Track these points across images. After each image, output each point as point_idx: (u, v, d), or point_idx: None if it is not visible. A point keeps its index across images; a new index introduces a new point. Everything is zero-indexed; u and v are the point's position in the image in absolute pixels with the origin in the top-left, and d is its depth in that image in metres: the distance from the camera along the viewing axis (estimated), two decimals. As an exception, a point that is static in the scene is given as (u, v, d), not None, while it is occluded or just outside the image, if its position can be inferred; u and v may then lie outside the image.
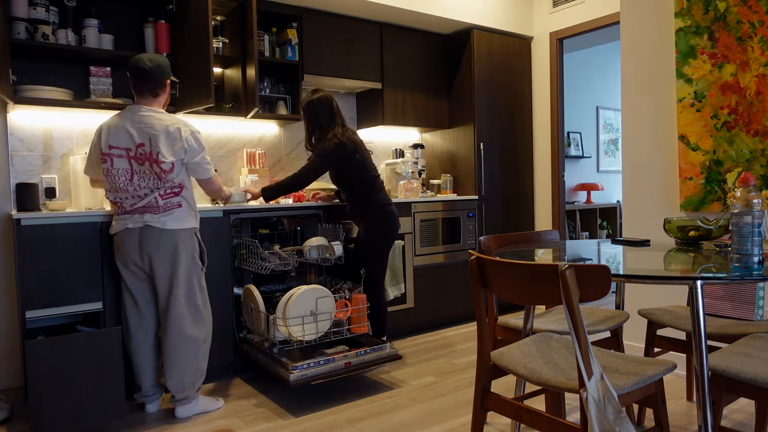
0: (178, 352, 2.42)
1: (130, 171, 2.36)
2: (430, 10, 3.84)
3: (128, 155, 2.36)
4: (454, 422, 2.34)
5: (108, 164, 2.36)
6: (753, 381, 1.47)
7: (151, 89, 2.42)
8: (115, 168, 2.36)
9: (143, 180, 2.36)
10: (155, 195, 2.37)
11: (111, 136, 2.36)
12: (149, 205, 2.37)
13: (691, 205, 2.73)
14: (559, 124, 4.33)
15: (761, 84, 2.48)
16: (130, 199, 2.38)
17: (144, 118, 2.37)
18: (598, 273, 1.28)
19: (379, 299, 3.04)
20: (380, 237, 3.03)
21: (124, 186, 2.36)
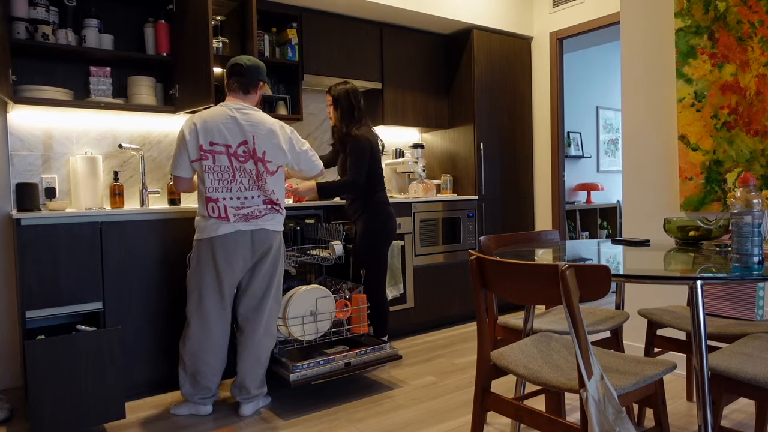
0: (264, 349, 2.50)
1: (231, 169, 2.37)
2: (430, 10, 3.84)
3: (228, 152, 2.37)
4: (454, 422, 2.34)
5: (210, 161, 2.35)
6: (753, 381, 1.47)
7: (243, 86, 2.49)
8: (217, 165, 2.35)
9: (244, 178, 2.39)
10: (257, 194, 2.42)
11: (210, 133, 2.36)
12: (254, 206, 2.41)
13: (691, 205, 2.73)
14: (559, 124, 4.33)
15: (761, 84, 2.48)
16: (234, 200, 2.38)
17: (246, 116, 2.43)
18: (598, 273, 1.28)
19: (380, 299, 3.05)
20: (380, 237, 3.03)
21: (227, 184, 2.37)
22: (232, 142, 2.37)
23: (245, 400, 2.48)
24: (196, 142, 2.35)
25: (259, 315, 2.48)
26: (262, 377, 2.52)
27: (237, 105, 2.44)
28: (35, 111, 2.93)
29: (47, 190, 2.92)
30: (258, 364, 2.49)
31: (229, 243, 2.37)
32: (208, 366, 2.44)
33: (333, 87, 3.08)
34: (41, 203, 2.91)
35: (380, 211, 3.04)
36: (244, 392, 2.48)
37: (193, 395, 2.47)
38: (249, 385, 2.48)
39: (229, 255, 2.38)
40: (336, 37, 3.72)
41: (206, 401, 2.49)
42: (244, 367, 2.48)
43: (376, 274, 3.03)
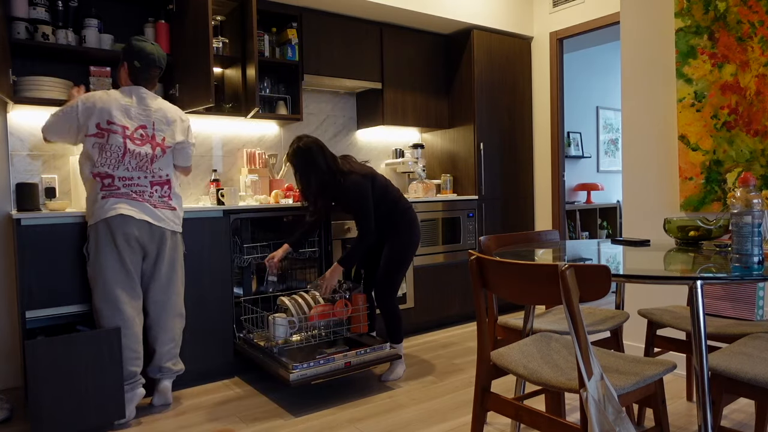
0: (178, 329, 2.62)
1: (123, 149, 2.40)
2: (430, 10, 3.84)
3: (124, 134, 2.41)
4: (454, 422, 2.34)
5: (104, 139, 2.38)
6: (753, 381, 1.47)
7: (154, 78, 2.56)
8: (109, 143, 2.39)
9: (134, 160, 2.43)
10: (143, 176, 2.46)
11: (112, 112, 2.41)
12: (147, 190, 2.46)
13: (691, 205, 2.73)
14: (559, 124, 4.33)
15: (761, 84, 2.48)
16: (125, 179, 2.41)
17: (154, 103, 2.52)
18: (598, 273, 1.28)
19: (396, 306, 2.93)
20: (410, 248, 2.92)
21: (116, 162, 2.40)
22: (130, 125, 2.42)
23: (166, 377, 2.59)
24: (94, 119, 2.37)
25: (168, 300, 2.55)
26: (177, 353, 2.63)
27: (146, 92, 2.51)
28: (35, 111, 2.93)
29: (47, 190, 2.92)
30: (174, 344, 2.60)
31: (126, 223, 2.38)
32: (131, 351, 2.43)
33: (288, 154, 2.79)
34: (41, 203, 2.91)
35: (408, 220, 2.91)
36: (164, 371, 2.58)
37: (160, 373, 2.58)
38: (168, 364, 2.58)
39: (128, 231, 2.39)
40: (336, 37, 3.72)
41: (133, 386, 2.44)
42: (162, 350, 2.56)
43: (396, 285, 2.92)
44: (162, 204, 2.50)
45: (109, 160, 2.38)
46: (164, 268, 2.52)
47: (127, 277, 2.42)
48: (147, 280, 2.52)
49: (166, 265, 2.53)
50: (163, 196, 2.51)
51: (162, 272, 2.52)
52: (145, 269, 2.51)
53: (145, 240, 2.44)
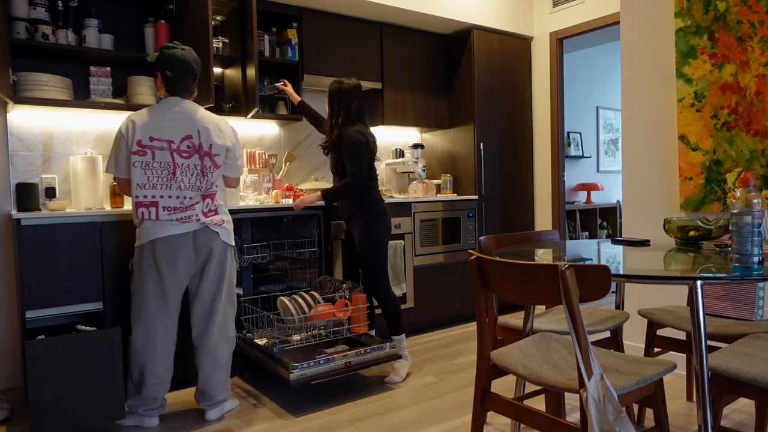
0: (222, 354, 2.43)
1: (173, 165, 2.28)
2: (430, 10, 3.84)
3: (170, 148, 2.28)
4: (454, 422, 2.34)
5: (148, 157, 2.25)
6: (753, 381, 1.47)
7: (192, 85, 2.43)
8: (156, 161, 2.26)
9: (186, 176, 2.31)
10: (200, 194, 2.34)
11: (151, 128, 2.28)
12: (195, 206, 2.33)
13: (691, 205, 2.73)
14: (559, 124, 4.33)
15: (761, 84, 2.48)
16: (173, 200, 2.29)
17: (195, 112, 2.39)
18: (598, 273, 1.28)
19: (389, 295, 2.94)
20: (383, 234, 2.96)
21: (167, 182, 2.28)
22: (174, 138, 2.29)
23: (209, 407, 2.43)
24: (133, 138, 2.25)
25: (211, 319, 2.40)
26: (224, 382, 2.46)
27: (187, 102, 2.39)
28: (35, 111, 2.94)
29: (47, 190, 2.92)
30: (217, 369, 2.42)
31: (171, 246, 2.28)
32: (153, 376, 2.33)
33: (331, 82, 3.03)
34: (41, 203, 2.91)
35: (378, 208, 2.97)
36: (207, 398, 2.43)
37: (137, 407, 2.35)
38: (211, 391, 2.42)
39: (172, 259, 2.28)
40: (336, 37, 3.72)
41: (151, 413, 2.36)
42: (203, 374, 2.41)
43: (381, 272, 2.94)
44: (210, 214, 2.37)
45: (159, 180, 2.26)
46: (208, 284, 2.38)
47: (164, 302, 2.32)
48: (192, 298, 2.42)
49: (210, 281, 2.38)
50: (212, 210, 2.38)
51: (205, 288, 2.39)
52: (191, 287, 2.41)
53: (190, 259, 2.32)
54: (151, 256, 2.29)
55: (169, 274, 2.30)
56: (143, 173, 2.25)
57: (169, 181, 2.28)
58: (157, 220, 2.26)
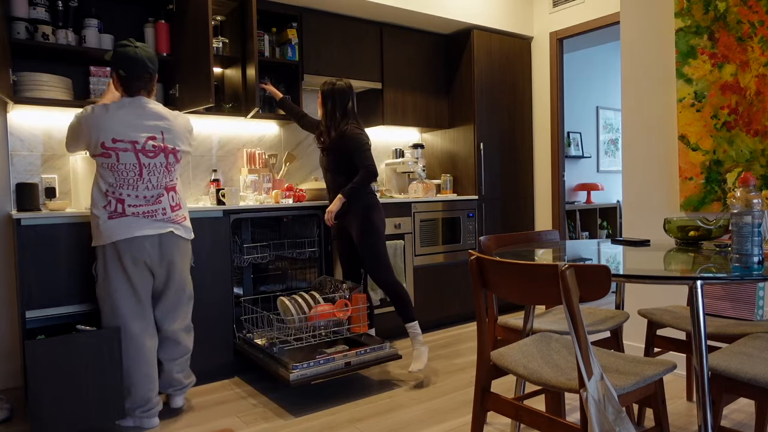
0: (188, 341, 2.55)
1: (138, 166, 2.30)
2: (430, 10, 3.84)
3: (135, 149, 2.29)
4: (454, 422, 2.34)
5: (113, 159, 2.26)
6: (753, 381, 1.47)
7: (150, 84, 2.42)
8: (121, 163, 2.27)
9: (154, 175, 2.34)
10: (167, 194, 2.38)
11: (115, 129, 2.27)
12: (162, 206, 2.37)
13: (691, 205, 2.73)
14: (559, 124, 4.33)
15: (761, 84, 2.48)
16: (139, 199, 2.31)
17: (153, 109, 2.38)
18: (598, 273, 1.28)
19: (396, 283, 2.93)
20: (377, 222, 2.95)
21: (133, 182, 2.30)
22: (138, 138, 2.29)
23: (177, 391, 2.53)
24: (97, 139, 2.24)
25: (177, 314, 2.50)
26: (188, 367, 2.58)
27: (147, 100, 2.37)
28: (35, 111, 2.94)
29: (47, 190, 2.92)
30: (183, 355, 2.54)
31: (135, 246, 2.29)
32: (141, 375, 2.34)
33: (322, 83, 3.03)
34: (41, 203, 2.91)
35: (373, 200, 2.98)
36: (175, 384, 2.52)
37: (133, 410, 2.34)
38: (178, 377, 2.51)
39: (135, 254, 2.29)
40: (336, 37, 3.72)
41: (149, 414, 2.37)
42: (170, 362, 2.49)
43: (384, 261, 2.93)
44: (176, 208, 2.42)
45: (126, 180, 2.27)
46: (174, 285, 2.45)
47: (137, 301, 2.34)
48: (156, 296, 2.45)
49: (177, 283, 2.45)
50: (177, 204, 2.43)
51: (171, 290, 2.45)
52: (157, 285, 2.43)
53: (154, 258, 2.34)
54: (116, 257, 2.30)
55: (136, 273, 2.33)
56: (111, 174, 2.28)
57: (135, 182, 2.30)
58: (123, 217, 2.28)
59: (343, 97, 2.98)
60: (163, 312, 2.47)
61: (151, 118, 2.34)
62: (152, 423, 2.39)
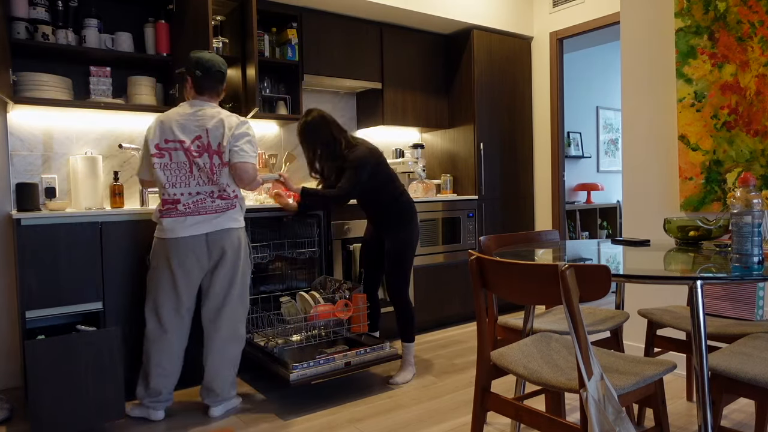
0: (230, 353, 2.46)
1: (189, 164, 2.34)
2: (430, 10, 3.84)
3: (183, 147, 2.34)
4: (454, 422, 2.34)
5: (166, 159, 2.33)
6: (753, 381, 1.47)
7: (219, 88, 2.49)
8: (174, 162, 2.33)
9: (202, 173, 2.36)
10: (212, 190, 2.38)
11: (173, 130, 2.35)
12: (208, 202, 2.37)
13: (691, 205, 2.73)
14: (559, 124, 4.33)
15: (761, 84, 2.48)
16: (193, 195, 2.34)
17: None
18: (598, 273, 1.28)
19: (410, 301, 2.88)
20: (414, 242, 2.87)
21: (185, 178, 2.34)
22: (186, 138, 2.34)
23: (214, 403, 2.46)
24: (152, 141, 2.35)
25: (221, 317, 2.43)
26: (231, 381, 2.49)
27: (201, 102, 2.42)
28: (35, 111, 2.94)
29: (47, 190, 2.92)
30: (224, 367, 2.45)
31: (182, 247, 2.33)
32: (160, 368, 2.38)
33: (298, 126, 2.79)
34: (41, 203, 2.91)
35: (410, 213, 2.86)
36: (211, 395, 2.45)
37: (143, 397, 2.40)
38: (216, 388, 2.44)
39: (183, 259, 2.33)
40: (336, 37, 3.72)
41: (157, 406, 2.41)
42: (210, 370, 2.44)
43: (406, 275, 2.86)
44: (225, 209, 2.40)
45: (177, 178, 2.33)
46: (219, 281, 2.41)
47: (177, 302, 2.37)
48: (203, 294, 2.44)
49: (221, 278, 2.41)
50: (230, 207, 2.41)
51: (217, 286, 2.41)
52: (203, 284, 2.43)
53: (203, 260, 2.36)
54: (164, 254, 2.35)
55: (181, 275, 2.35)
56: (163, 174, 2.33)
57: (187, 179, 2.34)
58: (176, 218, 2.32)
59: (323, 128, 2.75)
60: (207, 313, 2.43)
61: (201, 118, 2.38)
62: (157, 415, 2.43)
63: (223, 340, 2.44)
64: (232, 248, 2.41)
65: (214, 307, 2.43)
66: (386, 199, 2.84)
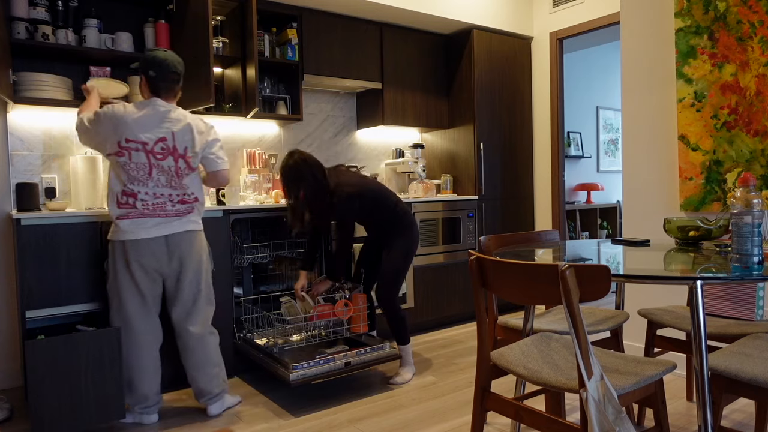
0: (210, 350, 2.46)
1: (148, 166, 2.29)
2: (430, 10, 3.84)
3: (145, 149, 2.28)
4: (454, 422, 2.34)
5: (125, 158, 2.28)
6: (753, 381, 1.47)
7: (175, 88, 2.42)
8: (133, 162, 2.28)
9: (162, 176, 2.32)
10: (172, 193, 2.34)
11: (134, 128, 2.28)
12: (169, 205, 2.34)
13: (691, 205, 2.73)
14: (559, 124, 4.33)
15: (761, 84, 2.48)
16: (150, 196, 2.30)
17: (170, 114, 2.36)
18: (598, 273, 1.28)
19: (399, 307, 2.86)
20: (412, 251, 2.88)
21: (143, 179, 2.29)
22: (148, 140, 2.29)
23: (209, 401, 2.45)
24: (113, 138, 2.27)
25: (194, 318, 2.42)
26: (218, 376, 2.47)
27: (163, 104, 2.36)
28: (35, 111, 2.93)
29: (47, 190, 2.92)
30: (209, 363, 2.44)
31: (142, 248, 2.29)
32: (141, 370, 2.36)
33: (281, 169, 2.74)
34: (41, 203, 2.91)
35: (408, 222, 2.87)
36: (205, 394, 2.44)
37: (133, 405, 2.39)
38: (204, 386, 2.43)
39: (143, 260, 2.30)
40: (336, 37, 3.72)
41: (149, 410, 2.40)
42: (191, 369, 2.42)
43: (397, 284, 2.85)
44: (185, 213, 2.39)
45: (137, 178, 2.28)
46: (187, 286, 2.40)
47: (142, 301, 2.35)
48: (170, 301, 2.42)
49: (189, 284, 2.40)
50: (189, 212, 2.40)
51: (185, 291, 2.40)
52: (168, 289, 2.41)
53: (162, 262, 2.34)
54: (123, 256, 2.31)
55: (141, 275, 2.33)
56: (123, 172, 2.29)
57: (146, 180, 2.30)
58: (135, 219, 2.29)
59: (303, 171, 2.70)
60: (177, 317, 2.42)
61: (164, 120, 2.33)
62: (150, 419, 2.41)
63: (198, 336, 2.43)
64: (193, 251, 2.40)
65: (184, 311, 2.42)
66: (385, 216, 2.86)
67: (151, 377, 2.39)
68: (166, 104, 2.36)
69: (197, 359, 2.43)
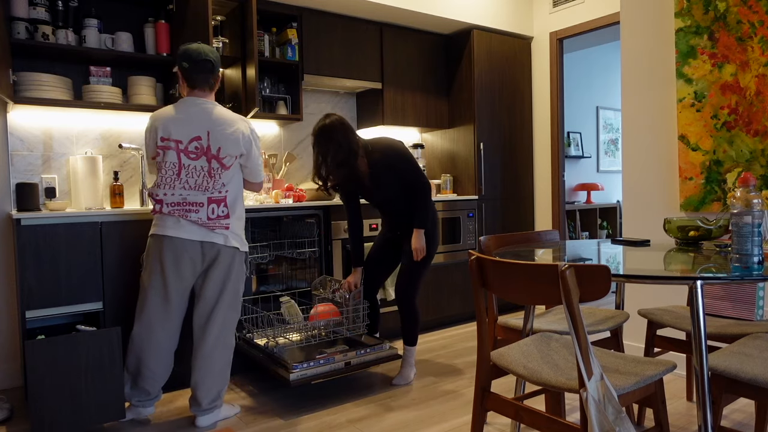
0: (215, 361, 2.36)
1: (177, 166, 2.26)
2: (430, 10, 3.84)
3: (177, 148, 2.26)
4: (454, 422, 2.34)
5: (160, 157, 2.28)
6: (753, 381, 1.47)
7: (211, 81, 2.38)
8: (165, 161, 2.27)
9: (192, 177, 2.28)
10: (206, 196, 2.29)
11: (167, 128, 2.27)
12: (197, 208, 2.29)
13: (691, 205, 2.73)
14: (559, 124, 4.33)
15: (761, 84, 2.48)
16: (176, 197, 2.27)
17: None
18: (598, 273, 1.28)
19: (418, 307, 2.83)
20: (435, 246, 2.82)
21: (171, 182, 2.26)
22: (183, 138, 2.26)
23: (198, 412, 2.36)
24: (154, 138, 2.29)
25: (210, 323, 2.35)
26: (216, 391, 2.36)
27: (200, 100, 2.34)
28: (35, 111, 2.93)
29: (47, 190, 2.92)
30: (210, 375, 2.34)
31: (178, 247, 2.27)
32: (149, 370, 2.34)
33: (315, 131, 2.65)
34: (41, 203, 2.92)
35: (436, 220, 2.82)
36: (195, 404, 2.36)
37: (131, 396, 2.38)
38: (200, 397, 2.34)
39: (177, 259, 2.28)
40: (336, 37, 3.72)
41: (146, 404, 2.41)
42: (195, 378, 2.34)
43: (420, 282, 2.81)
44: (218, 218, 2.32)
45: (165, 179, 2.26)
46: (211, 285, 2.34)
47: (166, 301, 2.31)
48: (196, 299, 2.38)
49: (213, 283, 2.34)
50: (220, 216, 2.32)
51: (208, 290, 2.34)
52: (195, 287, 2.38)
53: (195, 261, 2.30)
54: (158, 251, 2.30)
55: (172, 274, 2.29)
56: (157, 172, 2.31)
57: (173, 182, 2.27)
58: (168, 216, 2.28)
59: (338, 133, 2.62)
60: (198, 318, 2.37)
61: (202, 118, 2.29)
62: (147, 411, 2.42)
63: (210, 346, 2.35)
64: (226, 253, 2.35)
65: (206, 311, 2.35)
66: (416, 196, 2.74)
67: (157, 378, 2.38)
68: (203, 100, 2.33)
69: (200, 368, 2.35)
